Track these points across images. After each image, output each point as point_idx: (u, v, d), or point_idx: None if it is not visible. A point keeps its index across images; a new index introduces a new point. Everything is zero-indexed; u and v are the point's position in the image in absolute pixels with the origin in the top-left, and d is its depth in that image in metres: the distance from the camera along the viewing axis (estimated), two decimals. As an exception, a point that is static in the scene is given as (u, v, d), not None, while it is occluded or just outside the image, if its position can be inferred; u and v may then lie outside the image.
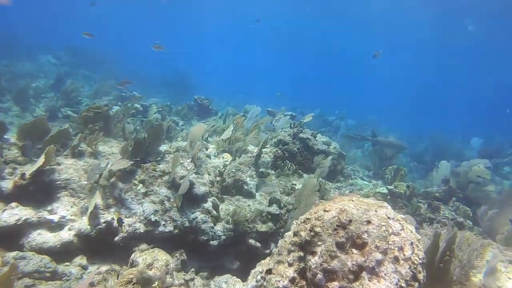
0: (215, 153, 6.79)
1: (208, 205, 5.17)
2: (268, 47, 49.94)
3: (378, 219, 2.61)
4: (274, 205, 5.55)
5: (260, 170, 6.38)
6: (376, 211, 2.70)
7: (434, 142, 16.03)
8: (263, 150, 6.99)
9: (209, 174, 5.72)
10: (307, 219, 2.89)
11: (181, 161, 5.50)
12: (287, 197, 5.80)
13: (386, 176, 7.85)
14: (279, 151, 6.74)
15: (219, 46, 62.17)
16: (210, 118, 10.50)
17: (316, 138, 7.17)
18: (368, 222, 2.63)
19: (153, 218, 4.67)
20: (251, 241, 5.19)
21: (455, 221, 6.27)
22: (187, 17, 47.72)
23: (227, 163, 6.26)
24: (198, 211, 5.07)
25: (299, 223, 3.00)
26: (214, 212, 5.17)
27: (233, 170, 5.82)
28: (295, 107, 17.33)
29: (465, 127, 26.65)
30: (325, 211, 2.82)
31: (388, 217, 2.71)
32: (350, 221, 2.65)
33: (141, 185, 5.08)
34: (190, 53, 37.25)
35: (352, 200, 2.89)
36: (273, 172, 6.51)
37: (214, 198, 5.30)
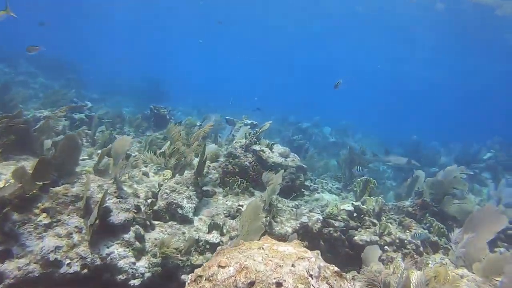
0: (154, 170, 5.86)
1: (130, 235, 4.22)
2: (203, 43, 49.42)
3: (294, 280, 1.74)
4: (214, 231, 4.65)
5: (205, 188, 5.47)
6: (293, 266, 1.83)
7: (411, 148, 15.47)
8: (212, 164, 6.10)
9: (138, 197, 4.77)
10: (199, 276, 1.99)
11: (100, 183, 4.55)
12: (231, 220, 4.90)
13: (355, 189, 7.05)
14: (229, 166, 5.86)
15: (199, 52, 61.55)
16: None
17: (273, 150, 6.32)
18: (279, 284, 1.76)
19: (52, 256, 3.70)
20: (185, 277, 4.26)
21: (428, 241, 5.50)
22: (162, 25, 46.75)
23: (165, 181, 5.33)
24: (117, 243, 4.12)
25: (188, 281, 2.11)
26: (138, 243, 4.22)
27: (167, 191, 4.88)
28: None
29: (440, 132, 26.52)
30: (220, 266, 1.93)
31: (310, 275, 1.84)
32: (252, 283, 1.77)
33: (44, 215, 4.08)
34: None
35: (262, 249, 2.01)
36: (221, 190, 5.61)
37: (138, 227, 4.34)
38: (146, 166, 5.86)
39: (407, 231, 5.54)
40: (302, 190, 6.35)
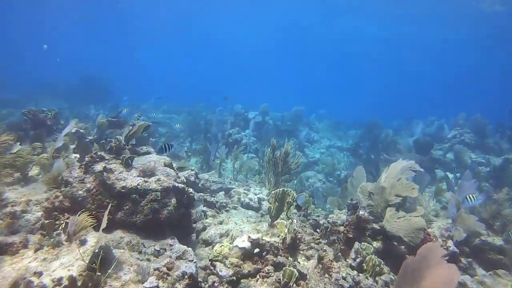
0: None
1: None
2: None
3: None
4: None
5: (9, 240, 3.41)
6: None
7: (368, 130, 13.82)
8: (35, 198, 4.01)
9: None
10: None
11: None
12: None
13: (269, 205, 5.13)
14: (56, 200, 3.81)
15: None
16: (50, 140, 7.28)
17: (133, 164, 4.28)
18: None
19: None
20: None
21: (358, 288, 3.69)
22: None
23: None
24: None
25: None
26: None
27: None
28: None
29: (404, 110, 25.31)
30: None
31: None
32: None
33: None
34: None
35: None
36: (36, 239, 3.56)
37: None
38: None
39: (326, 275, 3.69)
40: (185, 222, 4.36)
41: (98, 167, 3.94)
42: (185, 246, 3.89)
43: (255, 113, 14.57)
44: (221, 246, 4.08)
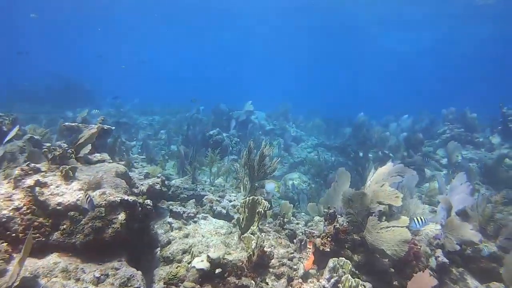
0: None
1: None
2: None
3: None
4: None
5: None
6: None
7: (357, 127, 13.35)
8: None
9: None
10: None
11: None
12: None
13: (239, 215, 4.60)
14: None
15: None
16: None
17: (77, 175, 3.72)
18: None
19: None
20: None
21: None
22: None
23: None
24: None
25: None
26: None
27: None
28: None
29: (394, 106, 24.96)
30: None
31: None
32: None
33: None
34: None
35: None
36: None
37: None
38: None
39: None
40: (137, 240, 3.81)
41: (29, 181, 3.38)
42: (133, 270, 3.35)
43: (240, 112, 14.03)
44: (177, 267, 3.56)
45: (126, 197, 3.69)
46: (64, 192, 3.40)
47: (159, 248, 4.64)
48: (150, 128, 14.96)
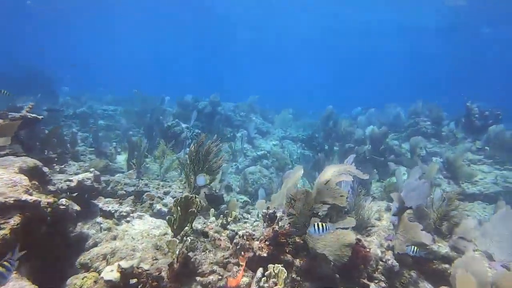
0: None
1: None
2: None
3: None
4: None
5: None
6: None
7: (325, 120, 13.05)
8: None
9: None
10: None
11: None
12: None
13: (171, 216, 4.09)
14: None
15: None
16: None
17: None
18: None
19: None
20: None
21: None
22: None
23: None
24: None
25: None
26: None
27: None
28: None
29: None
30: None
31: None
32: None
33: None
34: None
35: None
36: None
37: None
38: None
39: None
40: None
41: None
42: (27, 283, 2.81)
43: (204, 102, 13.44)
44: (83, 278, 3.04)
45: (23, 197, 3.11)
46: None
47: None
48: (110, 118, 14.11)
